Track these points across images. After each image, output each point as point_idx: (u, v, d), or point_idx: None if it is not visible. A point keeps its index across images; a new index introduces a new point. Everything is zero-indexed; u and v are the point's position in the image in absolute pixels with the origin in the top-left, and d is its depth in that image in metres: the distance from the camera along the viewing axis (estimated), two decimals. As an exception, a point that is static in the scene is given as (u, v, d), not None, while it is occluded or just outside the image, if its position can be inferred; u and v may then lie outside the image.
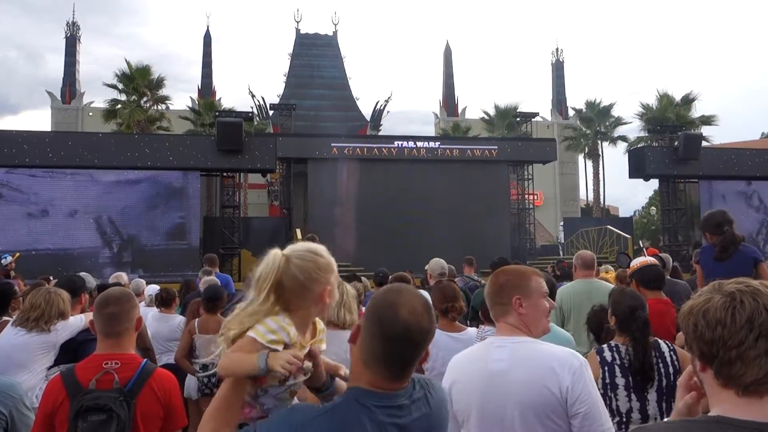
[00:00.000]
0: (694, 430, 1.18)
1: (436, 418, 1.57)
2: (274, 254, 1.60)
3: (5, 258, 11.41)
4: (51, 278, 7.31)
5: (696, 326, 1.19)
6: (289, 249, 1.63)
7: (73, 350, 3.42)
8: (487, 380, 2.09)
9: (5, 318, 4.20)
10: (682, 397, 1.35)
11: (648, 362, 2.88)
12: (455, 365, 2.25)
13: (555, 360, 2.05)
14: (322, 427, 1.42)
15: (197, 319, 5.38)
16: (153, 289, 7.04)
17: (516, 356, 2.08)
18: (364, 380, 1.50)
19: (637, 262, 4.37)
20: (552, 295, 3.81)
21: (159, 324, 5.85)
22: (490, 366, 2.10)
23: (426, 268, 6.06)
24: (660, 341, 3.07)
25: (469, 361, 2.20)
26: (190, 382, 5.43)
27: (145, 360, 2.38)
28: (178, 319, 6.01)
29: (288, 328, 1.57)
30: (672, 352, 3.02)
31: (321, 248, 1.70)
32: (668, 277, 5.94)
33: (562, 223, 23.48)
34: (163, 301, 6.09)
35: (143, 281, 7.72)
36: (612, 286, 4.86)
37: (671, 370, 2.95)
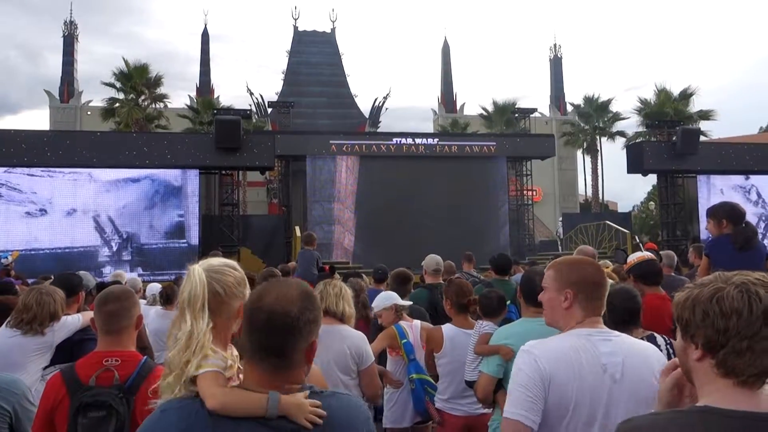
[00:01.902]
0: (681, 421, 1.19)
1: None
2: (198, 271, 1.55)
3: (4, 257, 11.42)
4: (53, 277, 7.30)
5: (707, 314, 1.19)
6: (205, 264, 1.60)
7: (68, 350, 3.40)
8: (602, 376, 1.92)
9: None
10: (666, 385, 1.36)
11: None
12: (550, 355, 1.97)
13: (651, 350, 2.03)
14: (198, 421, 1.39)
15: None
16: (155, 287, 7.07)
17: (623, 350, 1.96)
18: (249, 379, 1.46)
19: (634, 257, 4.37)
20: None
21: (162, 321, 5.88)
22: (603, 360, 1.94)
23: (422, 264, 6.08)
24: (656, 335, 3.08)
25: (573, 352, 1.97)
26: None
27: (145, 357, 2.39)
28: None
29: (228, 356, 1.55)
30: (668, 346, 3.03)
31: (234, 263, 1.69)
32: (672, 273, 5.95)
33: (560, 219, 23.50)
34: (167, 298, 6.19)
35: (139, 279, 7.74)
36: (612, 282, 4.86)
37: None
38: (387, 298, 4.25)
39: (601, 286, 2.09)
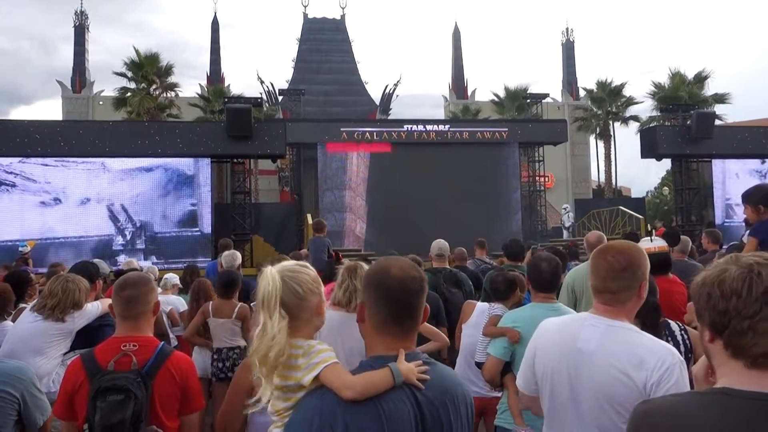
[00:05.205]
0: (699, 402, 1.19)
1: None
2: (271, 272, 1.61)
3: (22, 246, 11.59)
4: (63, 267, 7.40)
5: (710, 296, 1.19)
6: (279, 267, 1.66)
7: (87, 335, 3.46)
8: (571, 357, 1.98)
9: (21, 305, 4.27)
10: (697, 368, 1.37)
11: None
12: (544, 330, 2.16)
13: (647, 352, 1.89)
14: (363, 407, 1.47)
15: (210, 302, 5.44)
16: (172, 277, 7.14)
17: (607, 340, 1.94)
18: (380, 348, 1.58)
19: (647, 247, 4.27)
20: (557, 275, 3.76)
21: None
22: (578, 344, 1.98)
23: None
24: (670, 321, 3.07)
25: (558, 331, 2.10)
26: (197, 362, 5.30)
27: (162, 342, 2.43)
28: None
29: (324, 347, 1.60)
30: (683, 332, 3.02)
31: (306, 263, 1.77)
32: (686, 259, 5.91)
33: (565, 207, 22.92)
34: None
35: (155, 267, 7.80)
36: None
37: (682, 349, 2.94)
38: None
39: (597, 277, 2.04)
